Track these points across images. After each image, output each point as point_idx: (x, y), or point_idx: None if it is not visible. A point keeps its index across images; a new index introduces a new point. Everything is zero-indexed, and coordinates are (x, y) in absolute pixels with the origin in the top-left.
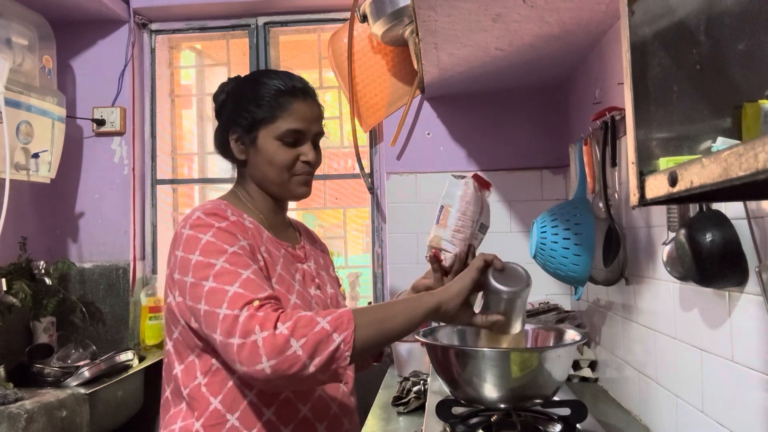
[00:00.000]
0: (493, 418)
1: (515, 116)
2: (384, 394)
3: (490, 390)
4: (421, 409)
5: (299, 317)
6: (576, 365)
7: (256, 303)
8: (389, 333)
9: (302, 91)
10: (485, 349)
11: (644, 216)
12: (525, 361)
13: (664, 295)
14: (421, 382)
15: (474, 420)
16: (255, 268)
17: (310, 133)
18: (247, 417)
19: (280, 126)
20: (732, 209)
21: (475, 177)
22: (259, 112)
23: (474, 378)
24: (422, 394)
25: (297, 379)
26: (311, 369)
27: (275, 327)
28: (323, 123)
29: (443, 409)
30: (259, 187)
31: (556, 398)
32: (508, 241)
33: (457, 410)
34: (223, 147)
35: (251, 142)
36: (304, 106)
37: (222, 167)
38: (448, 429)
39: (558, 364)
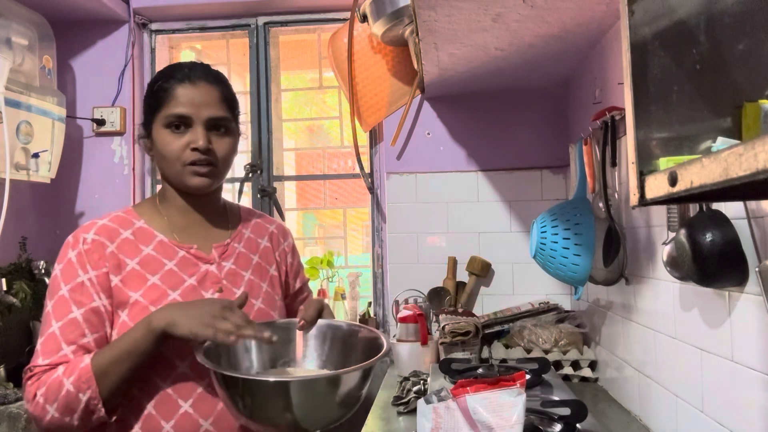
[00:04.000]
0: None
1: (515, 116)
2: (384, 394)
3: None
4: None
5: (49, 384)
6: (576, 365)
7: (29, 372)
8: (132, 368)
9: (187, 76)
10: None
11: (644, 216)
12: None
13: (664, 295)
14: (421, 382)
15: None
16: (70, 318)
17: (199, 118)
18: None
19: (165, 113)
20: (732, 209)
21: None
22: (150, 105)
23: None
24: (422, 394)
25: (71, 430)
26: (75, 422)
27: (34, 397)
28: (228, 109)
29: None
30: (168, 182)
31: (555, 398)
32: (508, 241)
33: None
34: None
35: (149, 137)
36: (189, 89)
37: None
38: None
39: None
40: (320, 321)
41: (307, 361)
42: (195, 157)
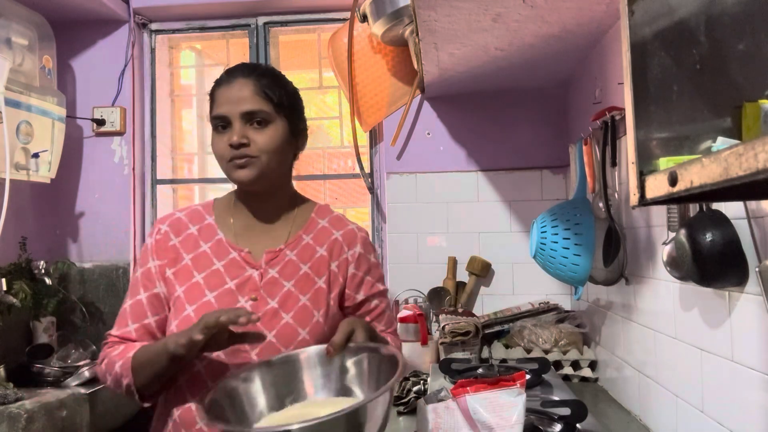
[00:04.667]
0: None
1: (515, 116)
2: None
3: None
4: None
5: (109, 359)
6: (576, 365)
7: (106, 338)
8: (159, 373)
9: (225, 78)
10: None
11: (644, 216)
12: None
13: (664, 295)
14: (422, 382)
15: None
16: (138, 299)
17: (235, 115)
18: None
19: (211, 117)
20: (732, 209)
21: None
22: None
23: None
24: (422, 394)
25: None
26: (123, 392)
27: (102, 362)
28: (265, 100)
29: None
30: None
31: (555, 398)
32: (508, 240)
33: None
34: None
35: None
36: (224, 90)
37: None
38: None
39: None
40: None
41: (320, 392)
42: (233, 153)
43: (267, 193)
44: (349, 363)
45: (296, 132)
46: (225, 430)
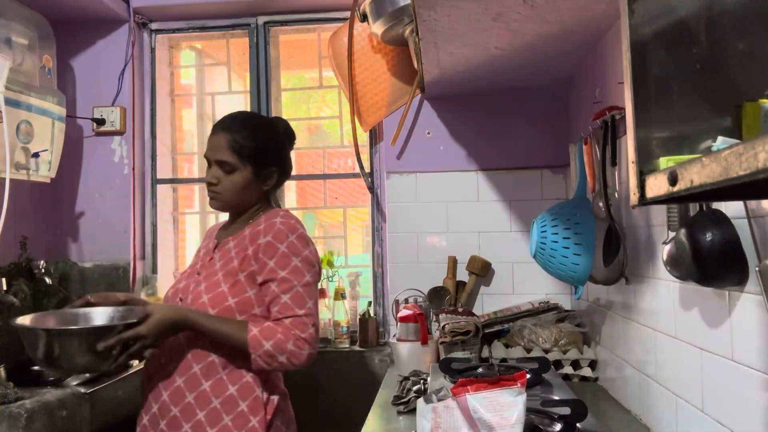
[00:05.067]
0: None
1: (515, 116)
2: (384, 394)
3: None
4: None
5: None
6: (576, 365)
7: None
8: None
9: (214, 127)
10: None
11: (644, 215)
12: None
13: (664, 295)
14: (421, 381)
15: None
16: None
17: (212, 160)
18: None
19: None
20: (732, 208)
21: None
22: None
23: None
24: (422, 394)
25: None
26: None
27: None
28: (233, 153)
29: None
30: None
31: (556, 397)
32: (508, 240)
33: None
34: None
35: None
36: (211, 137)
37: None
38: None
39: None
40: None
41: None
42: (209, 188)
43: (235, 213)
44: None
45: (261, 175)
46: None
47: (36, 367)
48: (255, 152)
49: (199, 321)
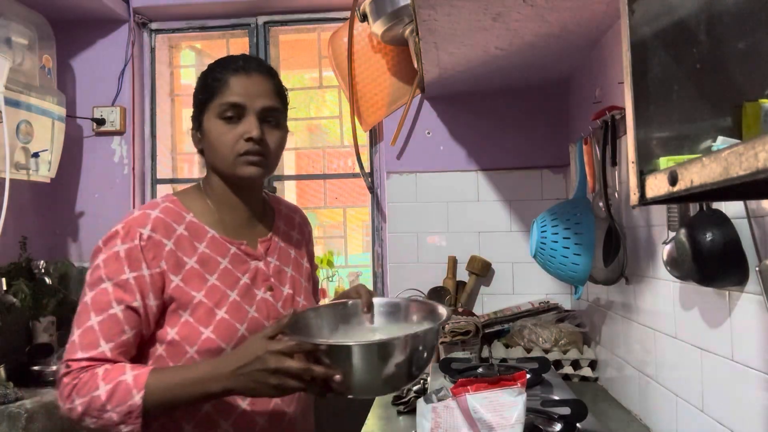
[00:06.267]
0: None
1: (515, 116)
2: None
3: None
4: None
5: (91, 399)
6: (576, 365)
7: (64, 368)
8: (179, 406)
9: (242, 67)
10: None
11: (644, 215)
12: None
13: (664, 295)
14: (421, 381)
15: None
16: (110, 314)
17: (253, 108)
18: (166, 429)
19: (218, 102)
20: (732, 208)
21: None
22: (202, 95)
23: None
24: (422, 394)
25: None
26: None
27: (70, 398)
28: (280, 102)
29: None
30: (217, 175)
31: (556, 397)
32: (508, 240)
33: None
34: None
35: (200, 128)
36: (243, 79)
37: None
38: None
39: (427, 343)
40: (375, 300)
41: (378, 335)
42: (248, 147)
43: (254, 188)
44: (400, 314)
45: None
46: (303, 341)
47: (36, 367)
48: (287, 104)
49: None
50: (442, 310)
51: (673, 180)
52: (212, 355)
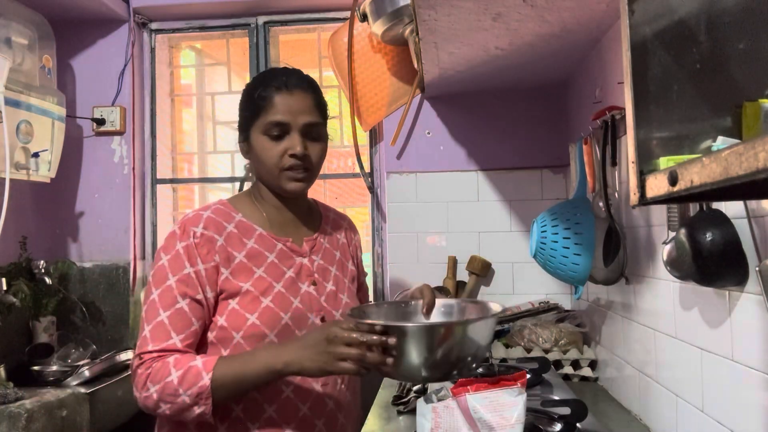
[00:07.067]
0: None
1: (515, 116)
2: (384, 394)
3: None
4: None
5: (165, 385)
6: (576, 365)
7: (138, 360)
8: (246, 390)
9: (284, 84)
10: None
11: (644, 215)
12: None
13: (664, 295)
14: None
15: None
16: (178, 308)
17: (296, 125)
18: (251, 411)
19: (263, 120)
20: (732, 208)
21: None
22: (248, 111)
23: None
24: (422, 394)
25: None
26: (185, 420)
27: (145, 387)
28: (321, 115)
29: None
30: (263, 184)
31: (556, 397)
32: (508, 240)
33: None
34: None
35: (247, 141)
36: (286, 97)
37: (222, 167)
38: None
39: (478, 336)
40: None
41: None
42: (292, 163)
43: (304, 194)
44: (455, 314)
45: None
46: (361, 321)
47: (36, 367)
48: (327, 114)
49: None
50: (496, 306)
51: (673, 180)
52: (257, 340)
